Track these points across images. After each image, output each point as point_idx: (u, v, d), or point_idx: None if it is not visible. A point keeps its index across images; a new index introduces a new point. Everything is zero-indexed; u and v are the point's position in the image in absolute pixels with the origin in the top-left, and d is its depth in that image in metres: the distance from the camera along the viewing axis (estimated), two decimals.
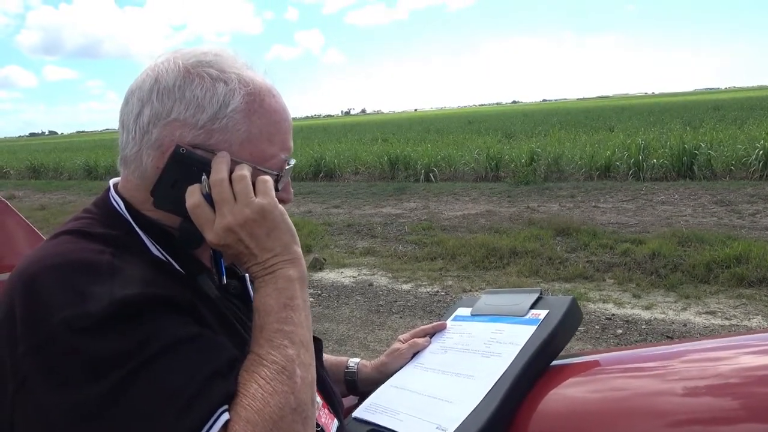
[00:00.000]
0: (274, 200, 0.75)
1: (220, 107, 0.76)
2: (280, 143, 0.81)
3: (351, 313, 4.98)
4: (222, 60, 0.80)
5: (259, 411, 0.62)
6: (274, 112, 0.80)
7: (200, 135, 0.76)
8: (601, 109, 40.75)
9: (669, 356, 0.89)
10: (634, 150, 10.88)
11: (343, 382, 1.08)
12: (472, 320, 1.09)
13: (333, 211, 9.85)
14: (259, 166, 0.78)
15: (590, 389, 0.86)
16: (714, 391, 0.77)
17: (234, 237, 0.74)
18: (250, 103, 0.78)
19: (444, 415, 0.83)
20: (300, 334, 0.70)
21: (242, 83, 0.79)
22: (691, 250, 5.68)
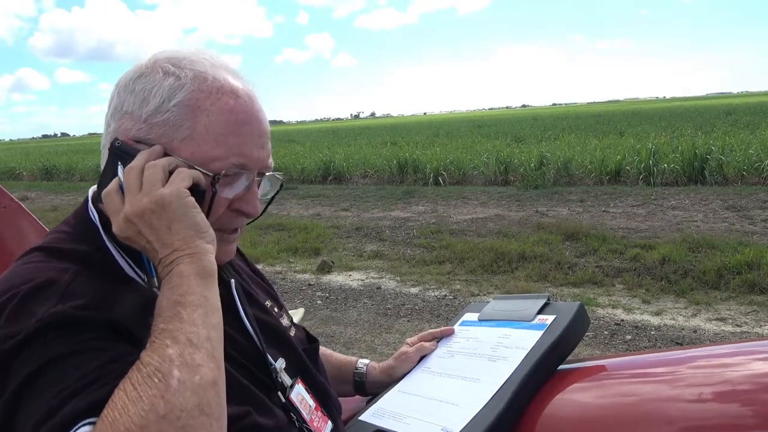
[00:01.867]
0: (179, 191, 0.69)
1: (164, 101, 0.73)
2: (231, 148, 0.75)
3: (359, 316, 4.98)
4: (189, 58, 0.77)
5: (113, 421, 0.54)
6: (231, 112, 0.75)
7: (143, 128, 0.74)
8: (611, 114, 40.53)
9: (676, 362, 0.89)
10: (644, 155, 10.82)
11: (352, 382, 1.09)
12: (480, 325, 1.09)
13: (342, 214, 9.87)
14: (199, 167, 0.73)
15: (597, 394, 0.86)
16: (722, 397, 0.76)
17: (134, 229, 0.68)
18: (200, 100, 0.74)
19: (449, 417, 0.84)
20: (188, 332, 0.61)
21: (197, 80, 0.75)
22: (701, 255, 5.63)
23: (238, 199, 0.79)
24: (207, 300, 0.65)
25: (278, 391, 0.83)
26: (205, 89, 0.74)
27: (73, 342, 0.61)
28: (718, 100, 66.36)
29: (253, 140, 0.77)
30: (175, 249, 0.67)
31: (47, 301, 0.63)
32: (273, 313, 0.95)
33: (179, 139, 0.73)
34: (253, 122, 0.77)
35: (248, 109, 0.77)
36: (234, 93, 0.76)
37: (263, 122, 0.80)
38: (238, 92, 0.77)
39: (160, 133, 0.73)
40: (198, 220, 0.70)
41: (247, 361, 0.81)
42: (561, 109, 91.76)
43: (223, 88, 0.75)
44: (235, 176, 0.77)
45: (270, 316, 0.93)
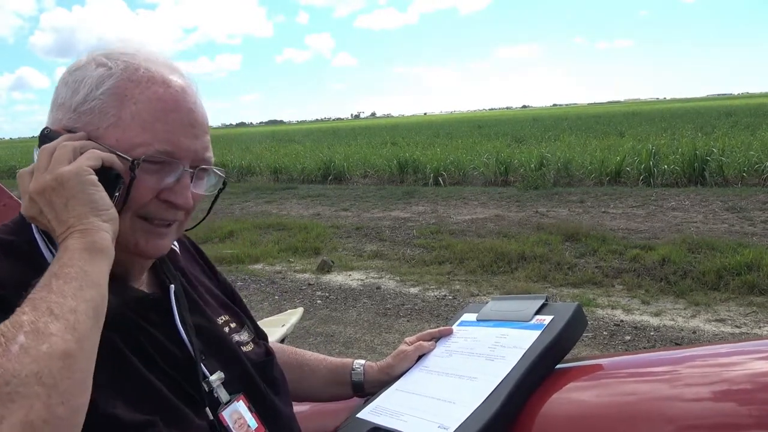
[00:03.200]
0: (79, 168, 0.68)
1: (91, 90, 0.74)
2: (157, 134, 0.73)
3: (358, 315, 4.98)
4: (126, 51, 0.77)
5: None
6: (159, 100, 0.74)
7: (72, 118, 0.74)
8: (611, 115, 40.56)
9: (674, 361, 0.89)
10: (644, 155, 10.83)
11: (349, 383, 1.07)
12: (478, 325, 1.10)
13: (342, 214, 9.87)
14: (121, 153, 0.72)
15: (594, 393, 0.86)
16: (720, 396, 0.77)
17: (36, 207, 0.69)
18: (128, 89, 0.74)
19: (446, 414, 0.84)
20: (52, 301, 0.58)
21: (128, 70, 0.75)
22: (701, 256, 5.63)
23: (168, 189, 0.76)
24: (86, 274, 0.63)
25: (206, 407, 0.78)
26: (135, 79, 0.74)
27: None
28: (719, 102, 66.40)
29: (182, 129, 0.75)
30: (69, 226, 0.66)
31: None
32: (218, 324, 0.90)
33: (104, 126, 0.73)
34: (183, 111, 0.76)
35: (178, 98, 0.76)
36: (165, 83, 0.75)
37: (196, 113, 0.78)
38: (170, 83, 0.76)
39: (87, 120, 0.74)
40: (96, 198, 0.68)
41: (175, 370, 0.77)
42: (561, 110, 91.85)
43: (153, 79, 0.75)
44: (163, 165, 0.75)
45: (215, 326, 0.88)
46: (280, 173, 15.23)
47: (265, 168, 16.09)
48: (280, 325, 2.60)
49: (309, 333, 4.59)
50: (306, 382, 1.08)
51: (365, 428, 0.91)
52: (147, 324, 0.77)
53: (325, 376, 1.08)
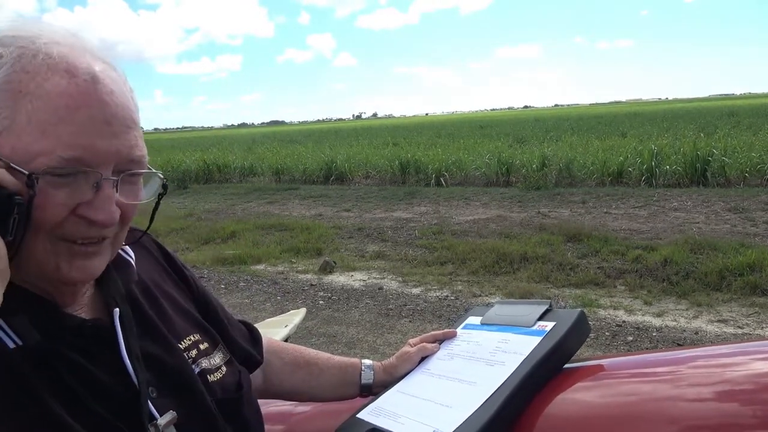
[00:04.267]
0: None
1: None
2: (61, 137, 0.59)
3: (361, 316, 4.99)
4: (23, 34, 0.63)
5: None
6: (61, 94, 0.60)
7: None
8: (613, 115, 40.54)
9: (676, 362, 0.89)
10: (646, 156, 10.82)
11: (358, 384, 1.05)
12: (481, 329, 1.10)
13: (343, 214, 9.88)
14: (17, 165, 0.59)
15: (596, 394, 0.86)
16: (724, 397, 0.77)
17: None
18: (23, 82, 0.60)
19: (442, 419, 0.85)
20: None
21: (23, 58, 0.61)
22: (703, 257, 5.63)
23: (85, 204, 0.62)
24: None
25: None
26: (31, 69, 0.60)
27: None
28: (721, 102, 66.29)
29: (94, 128, 0.61)
30: None
31: None
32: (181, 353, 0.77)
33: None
34: (94, 105, 0.61)
35: (87, 89, 0.61)
36: (69, 72, 0.61)
37: (113, 106, 0.63)
38: (76, 70, 0.61)
39: None
40: None
41: (113, 412, 0.65)
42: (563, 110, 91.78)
43: (55, 67, 0.61)
44: (75, 175, 0.61)
45: (174, 355, 0.75)
46: (281, 174, 15.25)
47: (267, 169, 16.11)
48: (282, 326, 2.61)
49: (312, 333, 4.59)
50: (314, 381, 1.04)
51: (364, 429, 0.92)
52: (83, 358, 0.66)
53: (334, 375, 1.05)
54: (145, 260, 0.86)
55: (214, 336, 0.85)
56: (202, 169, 16.61)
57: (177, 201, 12.64)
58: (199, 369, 0.78)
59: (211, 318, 0.90)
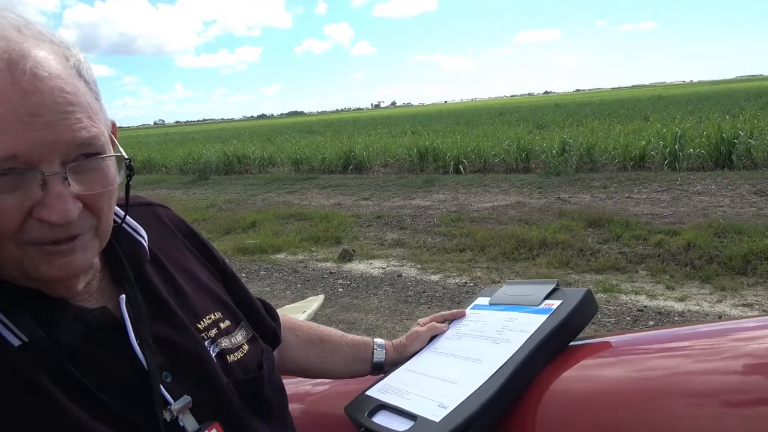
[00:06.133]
0: None
1: None
2: None
3: (380, 303, 5.02)
4: None
5: None
6: None
7: None
8: (636, 99, 39.78)
9: (682, 337, 0.89)
10: (669, 139, 10.62)
11: (370, 362, 1.07)
12: (490, 309, 1.12)
13: (362, 203, 9.91)
14: None
15: (599, 371, 0.87)
16: (735, 370, 0.76)
17: None
18: None
19: (448, 394, 0.87)
20: None
21: None
22: (727, 241, 5.53)
23: (38, 205, 0.58)
24: None
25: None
26: None
27: None
28: (748, 83, 64.56)
29: (19, 122, 0.55)
30: None
31: None
32: (197, 335, 0.75)
33: None
34: (13, 97, 0.55)
35: (3, 81, 0.55)
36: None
37: (40, 93, 0.56)
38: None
39: None
40: None
41: (124, 401, 0.64)
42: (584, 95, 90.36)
43: None
44: (17, 175, 0.56)
45: (189, 337, 0.73)
46: (300, 164, 15.32)
47: (286, 159, 16.20)
48: (301, 312, 2.64)
49: (331, 320, 4.64)
50: (327, 357, 1.05)
51: (372, 405, 0.94)
52: (90, 347, 0.65)
53: (347, 353, 1.06)
54: (164, 237, 0.83)
55: (236, 313, 0.84)
56: (223, 160, 16.77)
57: (198, 192, 12.79)
58: (219, 349, 0.76)
59: (236, 295, 0.88)
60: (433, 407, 0.85)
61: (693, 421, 0.73)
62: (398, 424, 0.86)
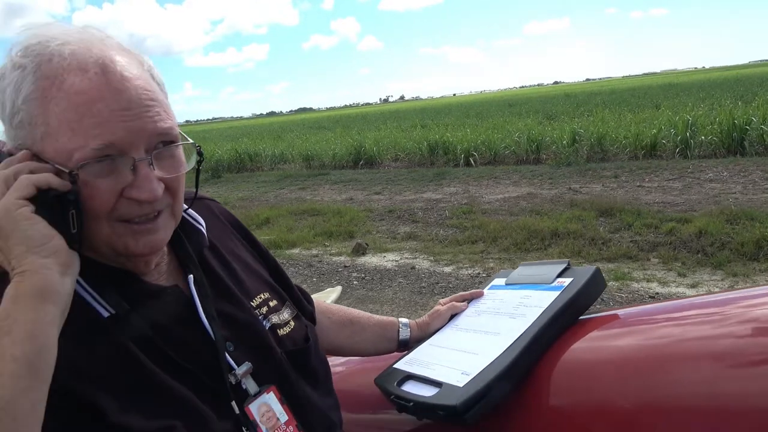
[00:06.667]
0: (8, 204, 0.63)
1: (14, 99, 0.67)
2: (89, 132, 0.65)
3: (394, 294, 5.11)
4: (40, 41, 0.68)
5: None
6: (78, 93, 0.65)
7: (12, 135, 0.69)
8: (647, 87, 39.43)
9: (687, 307, 0.96)
10: (681, 127, 10.58)
11: (396, 340, 1.16)
12: (506, 288, 1.20)
13: (374, 197, 10.00)
14: (61, 165, 0.66)
15: (607, 341, 0.95)
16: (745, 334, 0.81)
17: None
18: (46, 88, 0.66)
19: (469, 363, 0.95)
20: None
21: (41, 66, 0.66)
22: (739, 227, 5.54)
23: (129, 186, 0.69)
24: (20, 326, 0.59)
25: (232, 401, 0.75)
26: (50, 74, 0.66)
27: None
28: (762, 68, 63.65)
29: (115, 116, 0.66)
30: (12, 268, 0.63)
31: None
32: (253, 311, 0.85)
33: (39, 138, 0.67)
34: (108, 96, 0.66)
35: (99, 82, 0.66)
36: (81, 69, 0.66)
37: (127, 91, 0.67)
38: (86, 66, 0.66)
39: (23, 135, 0.68)
40: (30, 233, 0.63)
41: (198, 366, 0.74)
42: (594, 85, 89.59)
43: (68, 67, 0.66)
44: (112, 161, 0.67)
45: (248, 314, 0.84)
46: (311, 160, 15.44)
47: (297, 156, 16.32)
48: None
49: None
50: (358, 337, 1.15)
51: (401, 376, 1.02)
52: (166, 320, 0.75)
53: (376, 332, 1.16)
54: (217, 227, 0.93)
55: (281, 294, 0.94)
56: (234, 158, 16.93)
57: (212, 190, 12.95)
58: (270, 324, 0.86)
59: (278, 278, 0.99)
60: (456, 375, 0.93)
61: (698, 384, 0.79)
62: (425, 390, 0.95)
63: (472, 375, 0.91)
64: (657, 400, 0.80)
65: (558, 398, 0.90)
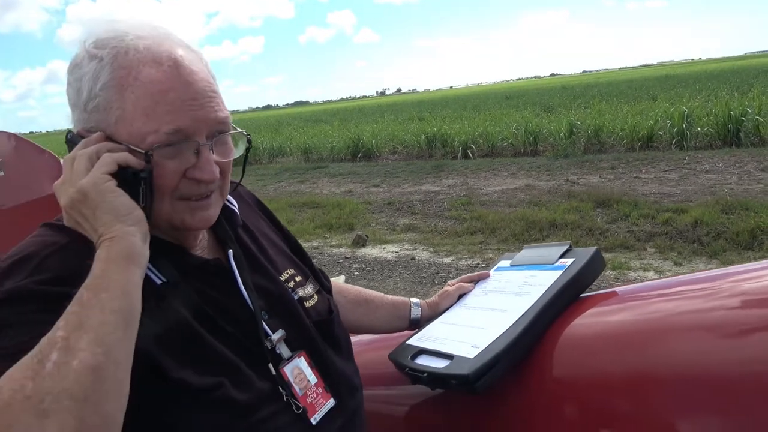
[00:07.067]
0: (96, 178, 0.71)
1: (92, 87, 0.74)
2: (162, 118, 0.73)
3: (395, 284, 5.18)
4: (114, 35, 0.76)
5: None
6: (153, 82, 0.73)
7: (85, 118, 0.76)
8: (644, 79, 39.47)
9: (684, 283, 1.03)
10: (677, 119, 10.65)
11: (408, 319, 1.23)
12: (511, 269, 1.26)
13: (373, 190, 10.06)
14: (134, 147, 0.74)
15: (606, 317, 1.01)
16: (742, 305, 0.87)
17: (73, 219, 0.73)
18: (123, 77, 0.73)
19: (478, 337, 1.02)
20: (84, 316, 0.62)
21: (118, 57, 0.74)
22: (735, 217, 5.63)
23: (192, 167, 0.77)
24: (115, 284, 0.65)
25: (269, 363, 0.83)
26: (126, 65, 0.74)
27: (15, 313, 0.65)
28: (758, 59, 63.71)
29: (185, 105, 0.75)
30: (100, 234, 0.70)
31: (17, 276, 0.69)
32: (284, 284, 0.93)
33: (113, 122, 0.74)
34: (179, 87, 0.74)
35: (172, 74, 0.74)
36: (155, 62, 0.74)
37: (195, 83, 0.76)
38: (160, 59, 0.75)
39: (97, 119, 0.75)
40: (117, 204, 0.71)
41: (239, 331, 0.81)
42: (591, 77, 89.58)
43: (143, 60, 0.74)
44: (179, 145, 0.76)
45: (279, 286, 0.92)
46: (309, 153, 15.47)
47: (295, 149, 16.36)
48: None
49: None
50: (372, 315, 1.22)
51: (413, 351, 1.09)
52: (210, 289, 0.82)
53: (389, 311, 1.23)
54: (246, 208, 1.02)
55: (304, 270, 1.02)
56: None
57: None
58: (297, 296, 0.94)
59: (299, 256, 1.06)
60: (466, 348, 1.00)
61: (691, 354, 0.84)
62: (438, 363, 1.01)
63: (482, 348, 0.98)
64: (653, 370, 0.87)
65: (561, 369, 0.97)
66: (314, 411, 0.84)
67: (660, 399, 0.83)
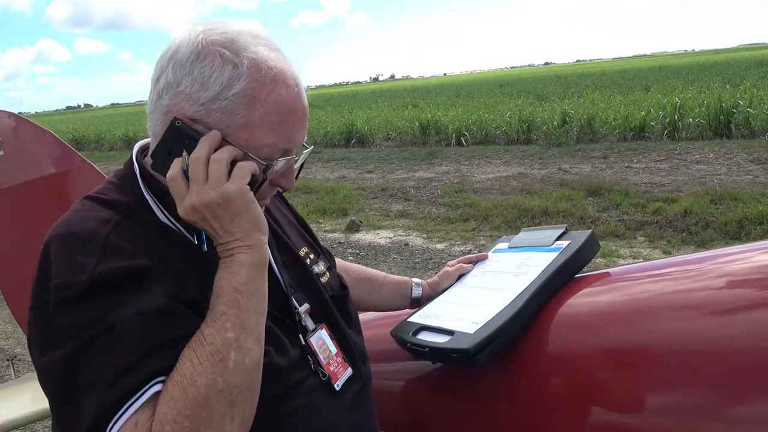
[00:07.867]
0: (242, 187, 0.76)
1: (223, 89, 0.77)
2: (281, 134, 0.80)
3: (389, 270, 5.24)
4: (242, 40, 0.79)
5: (184, 388, 0.67)
6: (283, 104, 0.79)
7: (200, 111, 0.78)
8: (637, 69, 39.54)
9: (674, 264, 1.08)
10: (669, 110, 10.74)
11: (409, 297, 1.28)
12: (509, 251, 1.31)
13: (366, 176, 10.08)
14: (250, 153, 0.79)
15: (598, 296, 1.07)
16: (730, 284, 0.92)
17: (199, 216, 0.76)
18: (256, 90, 0.78)
19: (478, 314, 1.07)
20: (244, 319, 0.73)
21: (253, 69, 0.78)
22: (723, 207, 5.73)
23: (280, 177, 0.85)
24: (258, 289, 0.76)
25: (299, 334, 0.90)
26: (260, 79, 0.78)
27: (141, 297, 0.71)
28: (750, 52, 63.95)
29: (298, 126, 0.82)
30: (236, 239, 0.76)
31: (91, 256, 0.72)
32: (304, 260, 1.00)
33: (235, 126, 0.78)
34: (299, 111, 0.82)
35: (297, 97, 0.81)
36: (286, 84, 0.80)
37: (306, 108, 0.84)
38: (288, 81, 0.80)
39: (218, 119, 0.78)
40: (257, 214, 0.78)
41: (273, 304, 0.85)
42: (585, 66, 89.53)
43: (276, 79, 0.79)
44: (285, 159, 0.84)
45: (301, 263, 0.99)
46: None
47: None
48: None
49: None
50: (375, 293, 1.28)
51: (415, 327, 1.14)
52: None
53: (391, 290, 1.28)
54: None
55: (316, 248, 1.09)
56: None
57: None
58: (314, 273, 1.01)
59: (309, 234, 1.12)
60: (466, 324, 1.05)
61: (679, 330, 0.90)
62: (439, 338, 1.06)
63: (481, 324, 1.03)
64: (643, 345, 0.92)
65: (556, 345, 1.03)
66: (336, 378, 0.92)
67: (649, 372, 0.89)
